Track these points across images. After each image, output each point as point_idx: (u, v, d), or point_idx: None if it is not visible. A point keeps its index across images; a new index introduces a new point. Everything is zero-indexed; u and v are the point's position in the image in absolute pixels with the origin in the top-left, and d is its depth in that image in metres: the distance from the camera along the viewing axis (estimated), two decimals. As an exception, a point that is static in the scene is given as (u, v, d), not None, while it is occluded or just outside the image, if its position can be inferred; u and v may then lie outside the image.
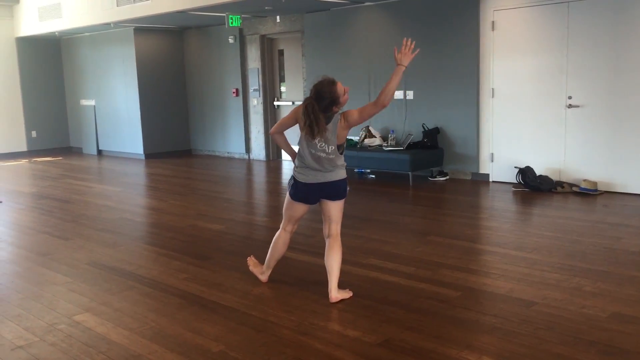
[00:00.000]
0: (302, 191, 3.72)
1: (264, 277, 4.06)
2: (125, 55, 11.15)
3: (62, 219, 6.32)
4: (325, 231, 3.79)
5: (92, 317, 3.54)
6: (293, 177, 3.77)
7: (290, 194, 3.79)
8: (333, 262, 3.70)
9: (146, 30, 10.99)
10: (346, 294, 3.72)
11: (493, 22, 7.32)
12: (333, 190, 3.70)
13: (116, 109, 11.65)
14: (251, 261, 4.15)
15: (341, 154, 3.70)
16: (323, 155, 3.63)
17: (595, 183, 6.64)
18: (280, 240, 3.93)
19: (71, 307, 3.71)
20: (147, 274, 4.37)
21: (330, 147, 3.60)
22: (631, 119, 6.43)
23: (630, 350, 2.92)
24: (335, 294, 3.66)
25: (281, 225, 3.94)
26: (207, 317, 3.53)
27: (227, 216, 6.25)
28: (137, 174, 9.63)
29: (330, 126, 3.58)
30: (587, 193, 6.61)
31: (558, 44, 6.84)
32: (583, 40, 6.66)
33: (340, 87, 3.55)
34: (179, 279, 4.21)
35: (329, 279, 3.69)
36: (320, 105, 3.51)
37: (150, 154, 11.26)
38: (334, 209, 3.73)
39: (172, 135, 11.60)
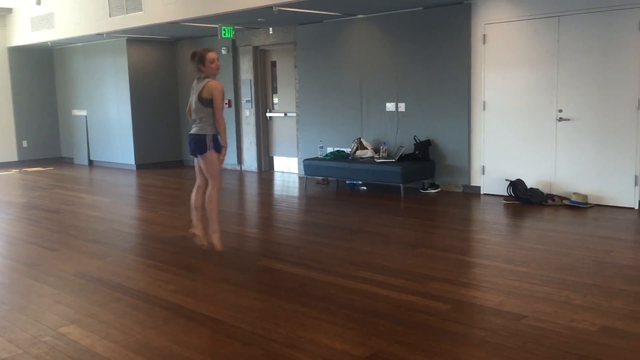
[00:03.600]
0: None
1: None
2: (118, 66, 11.14)
3: (51, 229, 6.27)
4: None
5: (77, 329, 3.49)
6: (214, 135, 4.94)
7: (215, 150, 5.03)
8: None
9: (139, 41, 10.98)
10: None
11: (484, 35, 7.36)
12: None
13: (108, 119, 11.62)
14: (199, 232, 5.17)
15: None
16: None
17: (585, 196, 6.66)
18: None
19: (57, 319, 3.66)
20: (135, 285, 4.33)
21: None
22: (620, 132, 6.46)
23: (619, 364, 2.91)
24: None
25: (200, 185, 5.16)
26: (194, 329, 3.49)
27: (217, 227, 6.21)
28: (128, 185, 9.59)
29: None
30: (578, 206, 6.62)
31: (549, 58, 6.89)
32: (573, 54, 6.70)
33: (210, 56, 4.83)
34: (166, 290, 4.17)
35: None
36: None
37: (142, 165, 11.22)
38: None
39: (164, 146, 11.57)
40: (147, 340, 3.32)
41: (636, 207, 6.44)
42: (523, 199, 6.93)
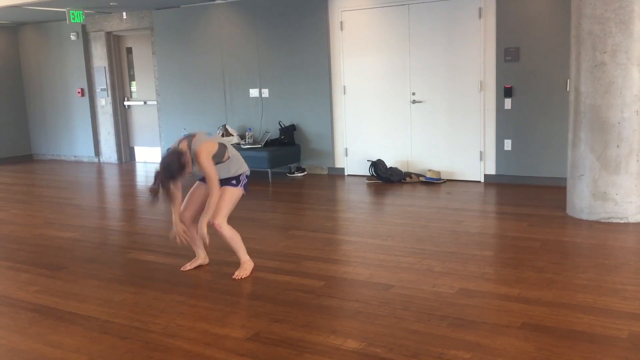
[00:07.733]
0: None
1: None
2: (-50, 53, 10.08)
3: None
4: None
5: None
6: (246, 176, 4.32)
7: (244, 189, 4.26)
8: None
9: (-26, 25, 10.01)
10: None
11: (341, 22, 7.63)
12: None
13: (-59, 112, 10.49)
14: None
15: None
16: None
17: (438, 172, 7.19)
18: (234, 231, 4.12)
19: None
20: (-8, 289, 4.02)
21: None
22: (466, 113, 7.05)
23: (476, 320, 3.23)
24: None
25: (224, 220, 4.03)
26: (64, 329, 3.33)
27: (79, 223, 5.91)
28: (-29, 183, 8.75)
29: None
30: (432, 182, 7.14)
31: (401, 44, 7.31)
32: (422, 40, 7.17)
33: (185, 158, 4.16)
34: (29, 292, 3.92)
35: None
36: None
37: (-15, 161, 10.30)
38: None
39: (10, 139, 10.69)
40: (12, 345, 3.12)
41: (482, 180, 7.09)
42: (384, 178, 7.33)
